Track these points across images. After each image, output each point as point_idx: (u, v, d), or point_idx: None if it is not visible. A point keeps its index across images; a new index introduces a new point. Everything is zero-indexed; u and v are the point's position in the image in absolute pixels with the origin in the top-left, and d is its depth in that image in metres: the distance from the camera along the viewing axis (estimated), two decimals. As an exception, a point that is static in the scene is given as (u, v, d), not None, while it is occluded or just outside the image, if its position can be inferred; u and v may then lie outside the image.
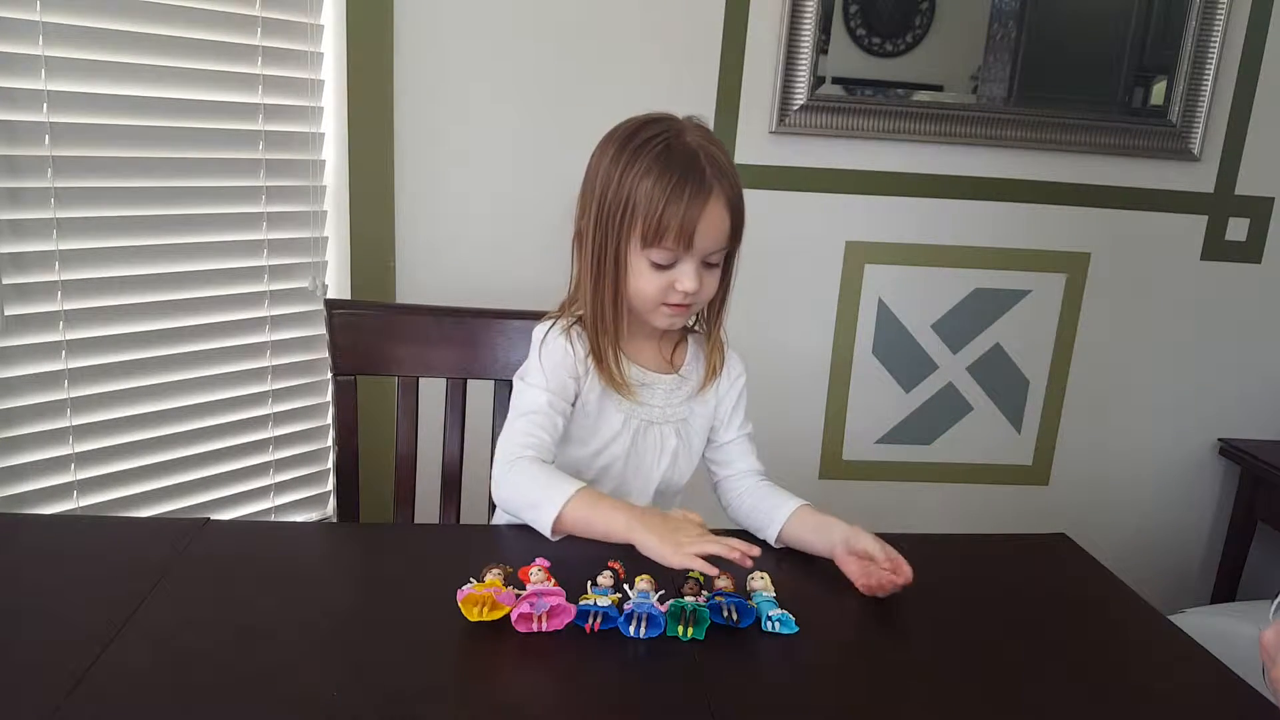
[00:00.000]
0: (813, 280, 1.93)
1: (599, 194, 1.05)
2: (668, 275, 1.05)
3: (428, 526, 1.29)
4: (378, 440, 1.52)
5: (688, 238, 1.02)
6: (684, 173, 1.01)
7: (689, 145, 1.03)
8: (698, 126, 1.07)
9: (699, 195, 1.01)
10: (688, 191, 1.01)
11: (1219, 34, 1.86)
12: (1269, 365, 2.09)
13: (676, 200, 1.01)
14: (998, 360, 2.02)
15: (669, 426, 1.15)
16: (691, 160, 1.02)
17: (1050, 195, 1.93)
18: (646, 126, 1.05)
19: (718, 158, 1.04)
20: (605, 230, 1.05)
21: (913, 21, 1.81)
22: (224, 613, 0.88)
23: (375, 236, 1.73)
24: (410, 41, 1.68)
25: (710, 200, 1.02)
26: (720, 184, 1.03)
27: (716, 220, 1.03)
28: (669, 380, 1.15)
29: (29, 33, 1.29)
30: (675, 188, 1.01)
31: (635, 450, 1.14)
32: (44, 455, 1.39)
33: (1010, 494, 2.09)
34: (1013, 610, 1.00)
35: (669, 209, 1.01)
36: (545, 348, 1.11)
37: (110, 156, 1.40)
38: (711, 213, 1.02)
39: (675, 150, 1.02)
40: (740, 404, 1.20)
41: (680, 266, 1.05)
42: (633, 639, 0.87)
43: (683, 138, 1.04)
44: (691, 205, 1.01)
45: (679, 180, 1.01)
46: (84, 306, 1.40)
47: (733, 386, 1.19)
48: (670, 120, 1.06)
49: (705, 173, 1.02)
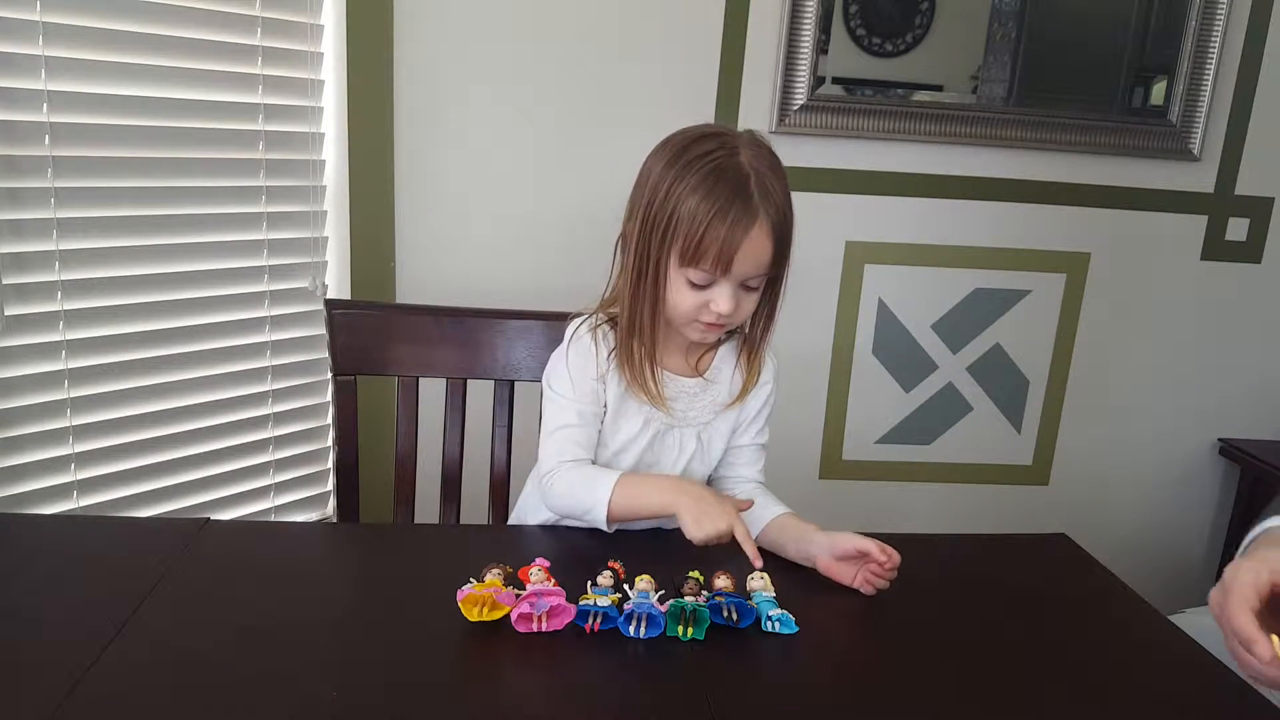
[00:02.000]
0: (813, 280, 1.93)
1: (646, 202, 1.04)
2: (704, 295, 1.03)
3: (428, 526, 1.29)
4: (378, 440, 1.52)
5: (726, 263, 1.00)
6: (730, 196, 0.99)
7: (742, 166, 1.01)
8: (756, 143, 1.04)
9: (741, 221, 0.99)
10: (731, 216, 0.99)
11: (1219, 34, 1.86)
12: (1269, 365, 2.09)
13: (719, 223, 0.99)
14: (998, 360, 2.02)
15: (689, 430, 1.14)
16: (741, 183, 1.00)
17: (1050, 195, 1.93)
18: (702, 140, 1.03)
19: (769, 184, 1.01)
20: (649, 240, 1.04)
21: (913, 21, 1.81)
22: (224, 613, 0.88)
23: (375, 236, 1.73)
24: (410, 42, 1.68)
25: (754, 228, 1.00)
26: (767, 211, 1.00)
27: (758, 247, 1.01)
28: (693, 384, 1.14)
29: (29, 33, 1.29)
30: (719, 211, 0.99)
31: (652, 452, 1.14)
32: (44, 455, 1.39)
33: (1010, 494, 2.09)
34: (1013, 610, 1.00)
35: (710, 231, 0.99)
36: (572, 349, 1.12)
37: (110, 156, 1.40)
38: (754, 240, 1.00)
39: (727, 171, 1.00)
40: (763, 413, 1.18)
41: (717, 288, 1.03)
42: (633, 639, 0.87)
43: (737, 157, 1.01)
44: (733, 230, 0.99)
45: (724, 203, 0.99)
46: (84, 306, 1.40)
47: (757, 395, 1.17)
48: (728, 136, 1.04)
49: (752, 198, 0.99)
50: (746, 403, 1.16)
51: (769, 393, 1.18)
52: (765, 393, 1.17)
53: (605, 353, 1.10)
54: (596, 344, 1.10)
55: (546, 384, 1.15)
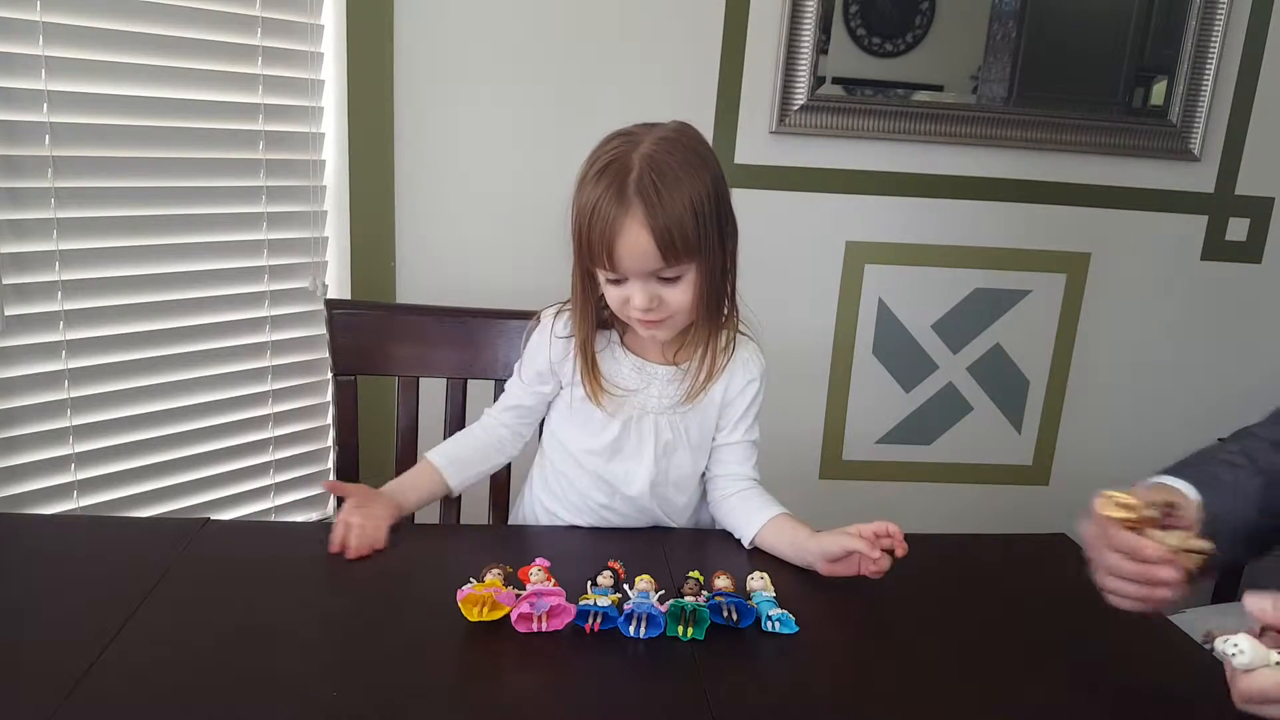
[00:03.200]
0: (813, 280, 1.93)
1: (572, 205, 1.04)
2: (623, 290, 1.03)
3: (428, 526, 1.29)
4: (378, 440, 1.52)
5: (612, 259, 0.99)
6: (604, 191, 0.97)
7: (629, 162, 0.98)
8: (664, 138, 1.01)
9: (612, 216, 0.97)
10: (601, 211, 0.97)
11: (1219, 34, 1.85)
12: (1269, 365, 2.08)
13: (596, 219, 0.98)
14: (998, 360, 2.02)
15: (663, 418, 1.14)
16: (620, 178, 0.97)
17: (1050, 195, 1.93)
18: (614, 138, 1.03)
19: (654, 179, 0.97)
20: (574, 242, 1.04)
21: (913, 21, 1.81)
22: (224, 613, 0.88)
23: (375, 236, 1.73)
24: (410, 41, 1.68)
25: (626, 222, 0.97)
26: (643, 205, 0.96)
27: (634, 242, 0.97)
28: (665, 372, 1.14)
29: (29, 33, 1.29)
30: (595, 206, 0.98)
31: (628, 438, 1.14)
32: (44, 455, 1.39)
33: (1010, 494, 2.09)
34: (1012, 610, 1.00)
35: (591, 229, 0.99)
36: (534, 335, 1.17)
37: (110, 156, 1.40)
38: (631, 234, 0.97)
39: (612, 168, 0.98)
40: (749, 411, 1.17)
41: (629, 284, 1.02)
42: (633, 639, 0.87)
43: (632, 154, 0.99)
44: (610, 226, 0.97)
45: (598, 199, 0.98)
46: (84, 306, 1.40)
47: (743, 392, 1.16)
48: (637, 133, 1.02)
49: (625, 192, 0.97)
50: (730, 401, 1.16)
51: (756, 390, 1.16)
52: (752, 390, 1.16)
53: (561, 345, 1.13)
54: (553, 335, 1.14)
55: None
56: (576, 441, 1.16)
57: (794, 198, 1.87)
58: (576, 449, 1.16)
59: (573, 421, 1.16)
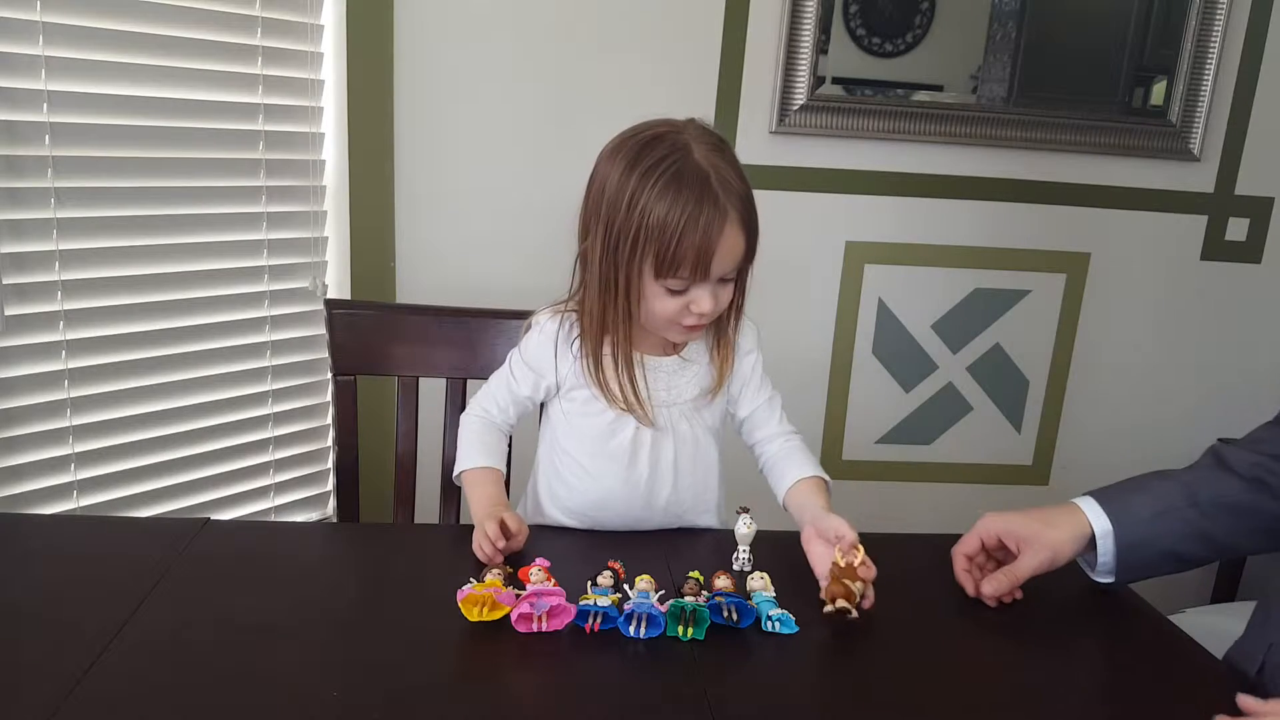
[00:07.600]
0: (813, 280, 1.93)
1: (605, 219, 1.01)
2: (683, 299, 1.02)
3: (428, 526, 1.29)
4: (378, 440, 1.52)
5: (705, 267, 0.99)
6: (697, 200, 0.97)
7: (699, 166, 0.98)
8: (703, 134, 1.02)
9: (715, 223, 0.97)
10: (702, 221, 0.97)
11: (1219, 34, 1.86)
12: (1269, 365, 2.08)
13: (691, 231, 0.97)
14: (998, 360, 2.02)
15: (675, 409, 1.13)
16: (704, 185, 0.97)
17: (1050, 195, 1.93)
18: (652, 145, 1.00)
19: (727, 176, 0.99)
20: (615, 255, 1.01)
21: (913, 21, 1.81)
22: (224, 613, 0.88)
23: (375, 236, 1.73)
24: (410, 41, 1.68)
25: (726, 226, 0.98)
26: (734, 206, 0.99)
27: (733, 244, 1.00)
28: (670, 363, 1.13)
29: (29, 33, 1.29)
30: (690, 218, 0.97)
31: (644, 433, 1.12)
32: (44, 455, 1.39)
33: (1010, 494, 2.09)
34: (1011, 610, 1.00)
35: (684, 240, 0.97)
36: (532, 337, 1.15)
37: (110, 156, 1.40)
38: (728, 238, 0.99)
39: (686, 175, 0.98)
40: (753, 377, 1.17)
41: (695, 289, 1.02)
42: (633, 639, 0.87)
43: (691, 157, 0.99)
44: (707, 234, 0.97)
45: (693, 209, 0.97)
46: (84, 306, 1.40)
47: (741, 363, 1.16)
48: (675, 135, 1.01)
49: (719, 198, 0.98)
50: (733, 378, 1.16)
51: (755, 359, 1.17)
52: (751, 360, 1.17)
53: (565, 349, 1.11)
54: (557, 339, 1.12)
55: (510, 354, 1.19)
56: (597, 439, 1.13)
57: (794, 198, 1.87)
58: (596, 442, 1.14)
59: (583, 428, 1.14)
